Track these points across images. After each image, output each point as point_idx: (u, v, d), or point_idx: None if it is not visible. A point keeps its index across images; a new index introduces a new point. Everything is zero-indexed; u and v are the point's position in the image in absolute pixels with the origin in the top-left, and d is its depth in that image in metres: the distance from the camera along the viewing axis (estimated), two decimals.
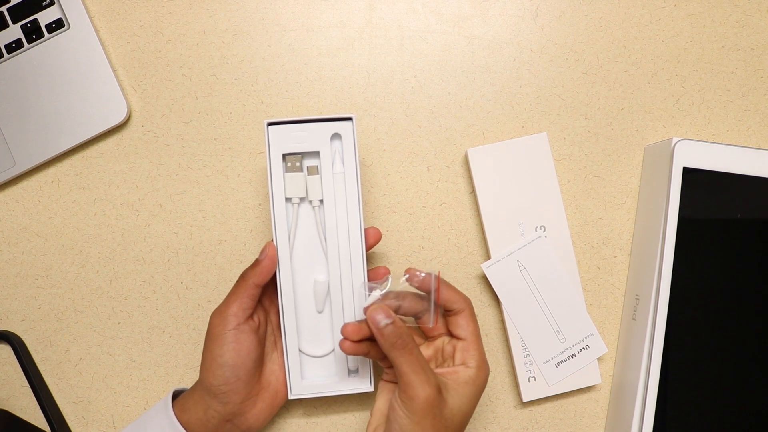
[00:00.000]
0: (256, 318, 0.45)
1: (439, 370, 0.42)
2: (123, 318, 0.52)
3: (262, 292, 0.45)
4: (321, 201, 0.45)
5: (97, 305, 0.52)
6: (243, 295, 0.43)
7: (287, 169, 0.44)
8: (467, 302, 0.44)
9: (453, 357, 0.43)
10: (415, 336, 0.46)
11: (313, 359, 0.46)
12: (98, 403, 0.52)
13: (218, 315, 0.44)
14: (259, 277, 0.43)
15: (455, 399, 0.40)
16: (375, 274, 0.46)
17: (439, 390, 0.40)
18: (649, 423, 0.47)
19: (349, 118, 0.44)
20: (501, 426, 0.52)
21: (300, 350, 0.46)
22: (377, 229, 0.46)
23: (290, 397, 0.45)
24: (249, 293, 0.43)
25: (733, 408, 0.48)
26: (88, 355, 0.52)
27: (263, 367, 0.46)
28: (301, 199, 0.45)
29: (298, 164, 0.45)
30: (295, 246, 0.46)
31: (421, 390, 0.39)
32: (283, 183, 0.44)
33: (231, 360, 0.43)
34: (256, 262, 0.44)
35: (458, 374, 0.42)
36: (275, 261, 0.44)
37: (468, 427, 0.52)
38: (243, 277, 0.44)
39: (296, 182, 0.44)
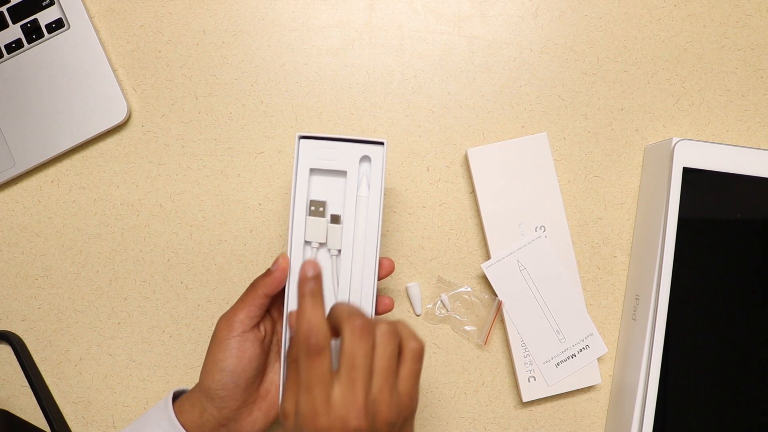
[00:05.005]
0: (262, 328, 0.45)
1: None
2: (123, 318, 0.52)
3: (271, 303, 0.45)
4: (339, 251, 0.44)
5: (97, 305, 0.52)
6: (251, 304, 0.43)
7: (310, 213, 0.44)
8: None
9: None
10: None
11: None
12: (98, 403, 0.52)
13: (225, 320, 0.43)
14: (270, 288, 0.43)
15: None
16: (380, 302, 0.46)
17: None
18: (649, 423, 0.47)
19: (381, 143, 0.44)
20: (501, 426, 0.52)
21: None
22: (391, 260, 0.46)
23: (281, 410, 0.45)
24: (258, 302, 0.43)
25: (733, 408, 0.48)
26: (88, 355, 0.52)
27: (264, 376, 0.46)
28: (321, 244, 0.45)
29: (321, 209, 0.44)
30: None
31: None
32: (304, 227, 0.44)
33: (231, 366, 0.42)
34: (268, 272, 0.43)
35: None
36: (287, 273, 0.43)
37: (468, 426, 0.52)
38: (253, 285, 0.44)
39: (318, 227, 0.44)
